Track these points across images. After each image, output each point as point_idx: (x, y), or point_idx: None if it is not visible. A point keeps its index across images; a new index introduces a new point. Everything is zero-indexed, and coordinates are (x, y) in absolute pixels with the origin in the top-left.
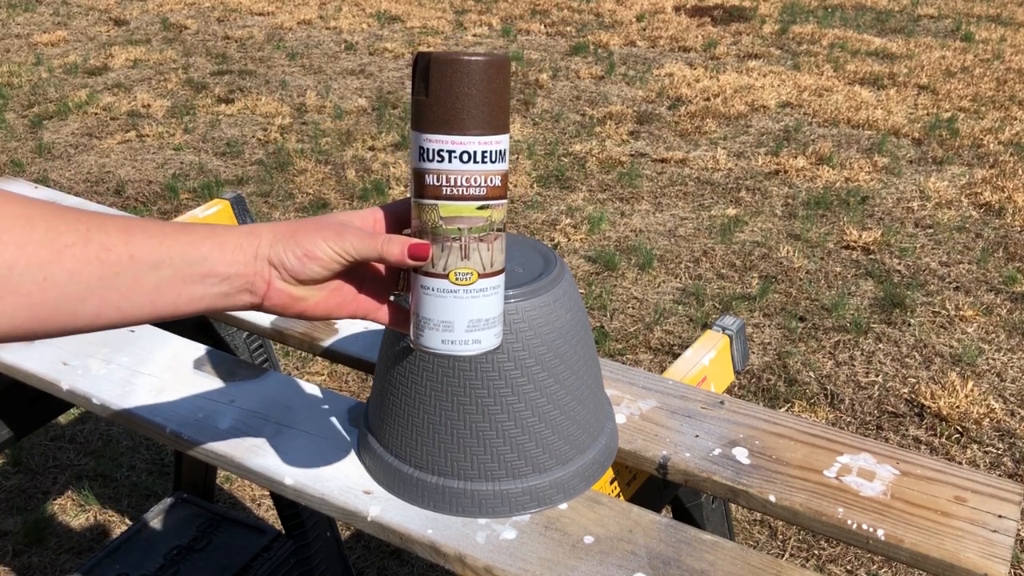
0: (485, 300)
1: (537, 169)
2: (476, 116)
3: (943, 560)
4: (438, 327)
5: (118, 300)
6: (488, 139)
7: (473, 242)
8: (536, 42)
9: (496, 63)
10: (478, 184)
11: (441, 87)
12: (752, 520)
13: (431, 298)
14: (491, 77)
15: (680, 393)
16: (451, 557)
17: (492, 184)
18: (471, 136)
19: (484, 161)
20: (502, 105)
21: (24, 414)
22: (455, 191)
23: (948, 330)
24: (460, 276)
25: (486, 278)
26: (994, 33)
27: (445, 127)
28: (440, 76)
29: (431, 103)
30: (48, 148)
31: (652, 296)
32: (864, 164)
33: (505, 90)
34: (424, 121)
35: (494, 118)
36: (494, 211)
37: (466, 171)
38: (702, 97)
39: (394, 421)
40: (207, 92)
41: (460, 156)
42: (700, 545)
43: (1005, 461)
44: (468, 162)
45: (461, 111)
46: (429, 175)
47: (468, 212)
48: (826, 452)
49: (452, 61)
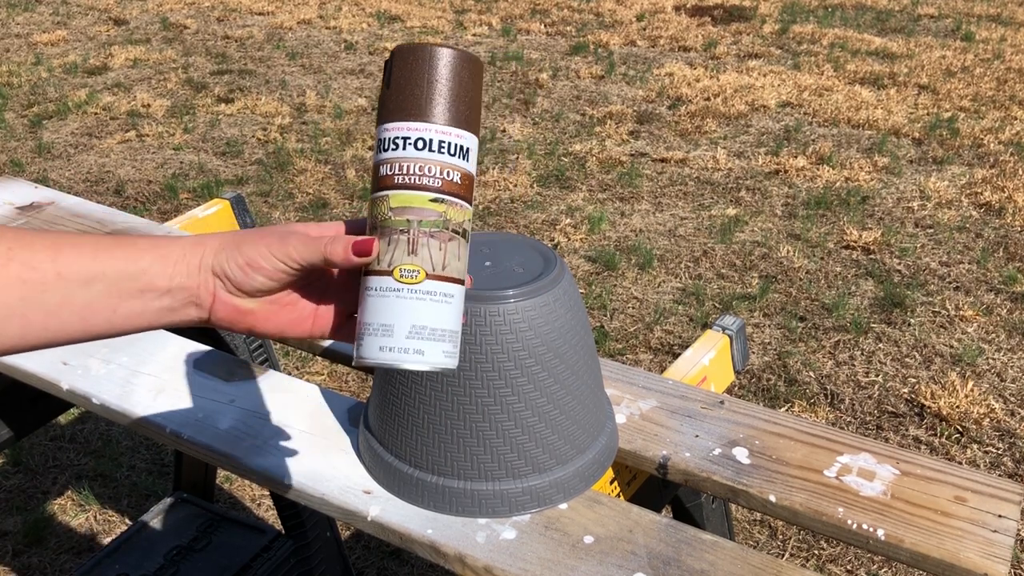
0: (433, 305)
1: (537, 169)
2: (436, 104)
3: (943, 560)
4: (377, 332)
5: (44, 320)
6: (447, 130)
7: (423, 236)
8: (536, 42)
9: (462, 56)
10: (432, 174)
11: (402, 74)
12: (752, 520)
13: (373, 299)
14: (456, 69)
15: (680, 393)
16: (451, 557)
17: (449, 178)
18: (428, 123)
19: (442, 151)
20: (467, 101)
21: (24, 414)
22: (407, 179)
23: (948, 330)
24: (405, 273)
25: (436, 280)
26: (994, 33)
27: (402, 113)
28: (402, 63)
29: (392, 92)
30: (48, 148)
31: (652, 296)
32: (864, 164)
33: (473, 88)
34: (384, 111)
35: (456, 111)
36: (450, 208)
37: (420, 159)
38: (702, 97)
39: (394, 421)
40: (207, 92)
41: (415, 143)
42: (700, 545)
43: (1005, 461)
44: (423, 150)
45: (420, 97)
46: (383, 165)
47: (419, 203)
48: (826, 452)
49: (414, 48)
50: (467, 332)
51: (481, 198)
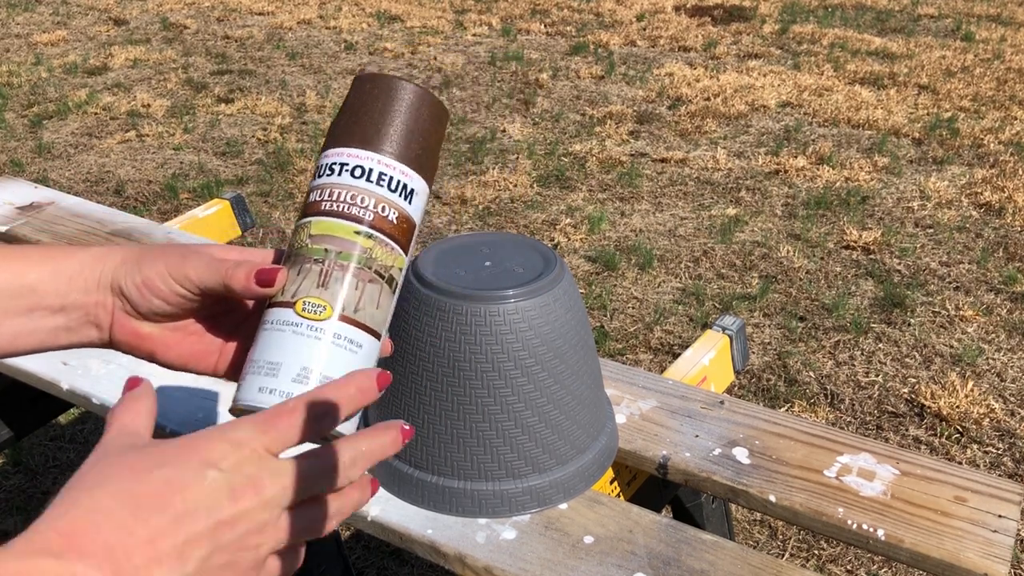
0: (334, 350)
1: (537, 169)
2: (384, 134)
3: (943, 560)
4: (261, 370)
5: None
6: (391, 163)
7: (338, 270)
8: (536, 42)
9: (426, 96)
10: (364, 205)
11: (357, 101)
12: (752, 520)
13: (267, 333)
14: (416, 106)
15: (680, 393)
16: (451, 557)
17: (383, 214)
18: (371, 152)
19: (380, 183)
20: (422, 141)
21: (24, 414)
22: (334, 206)
23: (948, 330)
24: (309, 307)
25: (345, 323)
26: (994, 33)
27: (346, 139)
28: (360, 90)
29: (341, 118)
30: (48, 148)
31: (652, 296)
32: (864, 164)
33: (431, 131)
34: (329, 137)
35: (407, 147)
36: (378, 247)
37: (354, 187)
38: (702, 97)
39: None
40: (207, 92)
41: (353, 170)
42: (700, 545)
43: (1005, 461)
44: (360, 178)
45: (368, 125)
46: (314, 191)
47: (342, 233)
48: (826, 452)
49: (376, 76)
50: (467, 332)
51: (481, 198)
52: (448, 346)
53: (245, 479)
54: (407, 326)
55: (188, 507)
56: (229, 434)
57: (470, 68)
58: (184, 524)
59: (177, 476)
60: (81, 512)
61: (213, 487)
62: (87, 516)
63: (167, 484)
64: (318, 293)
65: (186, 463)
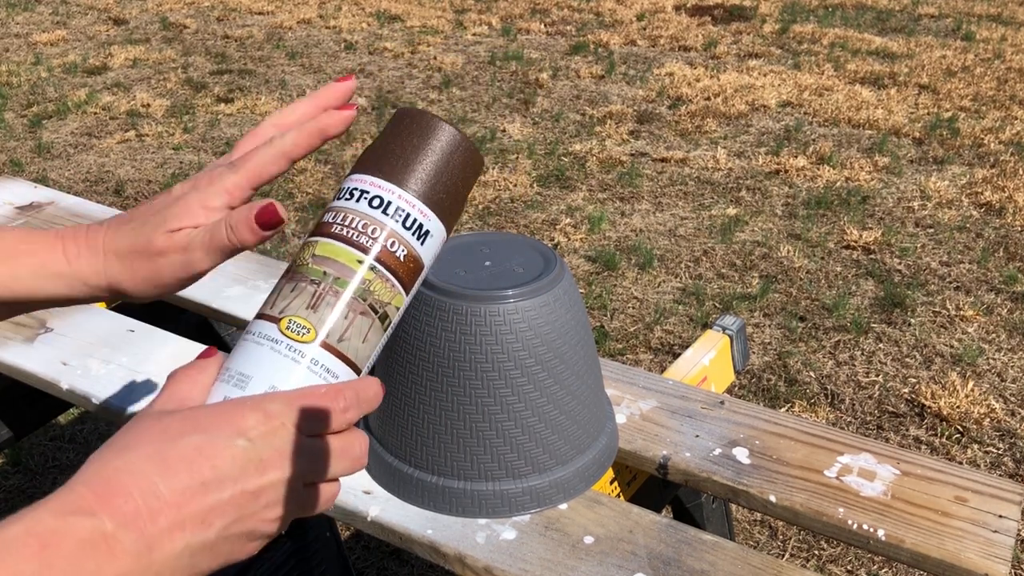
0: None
1: (537, 169)
2: (412, 171)
3: (944, 560)
4: (231, 379)
5: None
6: (413, 200)
7: (331, 295)
8: (536, 41)
9: (465, 144)
10: (374, 236)
11: (392, 132)
12: (752, 520)
13: (247, 343)
14: (451, 151)
15: (680, 393)
16: (451, 557)
17: (392, 249)
18: (394, 185)
19: (395, 218)
20: (450, 187)
21: (24, 414)
22: (343, 231)
23: (948, 330)
24: (294, 326)
25: (326, 350)
26: (995, 32)
27: (372, 168)
28: (397, 123)
29: (373, 146)
30: (47, 148)
31: (652, 296)
32: (865, 164)
33: (462, 178)
34: (358, 163)
35: (432, 188)
36: (378, 280)
37: (368, 215)
38: (702, 97)
39: (394, 421)
40: (206, 91)
41: (372, 199)
42: (700, 545)
43: (1006, 461)
44: (376, 208)
45: (398, 158)
46: (329, 212)
47: (345, 258)
48: (826, 452)
49: (418, 113)
50: (467, 332)
51: (481, 198)
52: (448, 346)
53: (274, 451)
54: (407, 326)
55: (217, 474)
56: (263, 405)
57: (470, 68)
58: (211, 491)
59: (208, 443)
60: (113, 472)
61: (243, 457)
62: (119, 476)
63: (198, 450)
64: (306, 314)
65: (218, 431)
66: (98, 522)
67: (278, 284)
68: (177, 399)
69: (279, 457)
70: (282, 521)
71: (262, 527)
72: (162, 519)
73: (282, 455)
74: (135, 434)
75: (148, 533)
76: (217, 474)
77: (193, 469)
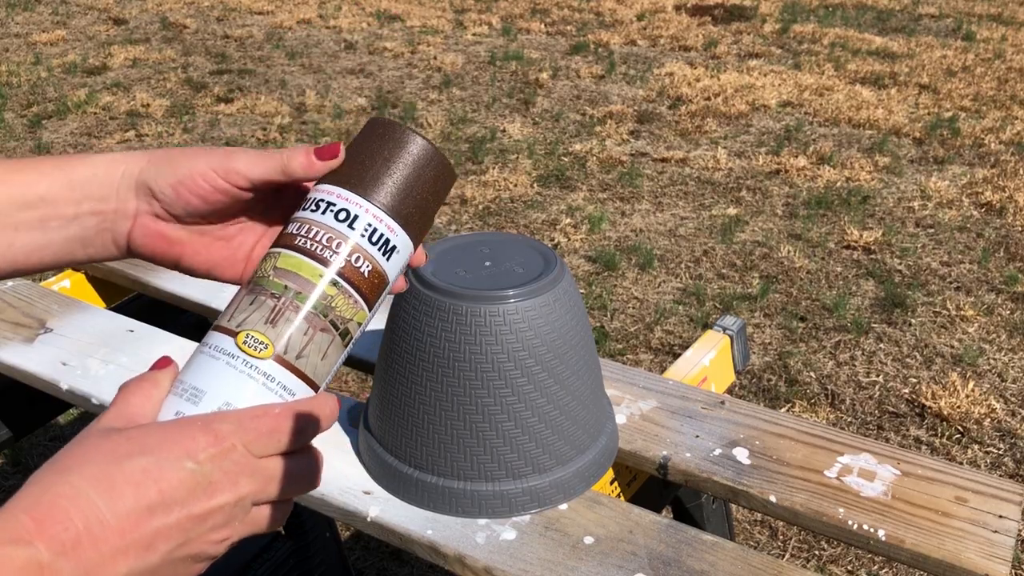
0: (263, 392)
1: (537, 169)
2: (382, 184)
3: (944, 560)
4: (184, 393)
5: None
6: (380, 215)
7: (291, 310)
8: (536, 41)
9: (437, 157)
10: (338, 250)
11: (363, 143)
12: (753, 520)
13: (202, 356)
14: (420, 161)
15: (680, 393)
16: (451, 558)
17: (356, 265)
18: (362, 199)
19: (363, 234)
20: (419, 201)
21: (24, 414)
22: (307, 244)
23: (949, 330)
24: (251, 341)
25: (282, 366)
26: (995, 32)
27: (341, 180)
28: (369, 133)
29: (345, 158)
30: (47, 148)
31: (652, 296)
32: (865, 164)
33: (432, 193)
34: (327, 175)
35: (402, 203)
36: (341, 296)
37: (334, 229)
38: (703, 96)
39: (394, 421)
40: (206, 91)
41: (338, 212)
42: (700, 545)
43: (1006, 461)
44: (343, 222)
45: (367, 170)
46: (293, 223)
47: (307, 273)
48: (827, 452)
49: (390, 124)
50: (467, 332)
51: (481, 198)
52: (448, 346)
53: (223, 474)
54: (407, 326)
55: (163, 498)
56: (213, 426)
57: (470, 68)
58: (157, 515)
59: (156, 465)
60: (55, 497)
61: (191, 480)
62: (60, 502)
63: (145, 473)
64: (264, 329)
65: (166, 453)
66: (34, 552)
67: (237, 295)
68: (127, 415)
69: (228, 480)
70: (229, 542)
71: (208, 549)
72: (104, 545)
73: (231, 478)
74: (80, 454)
75: (88, 561)
76: (164, 498)
77: (139, 493)
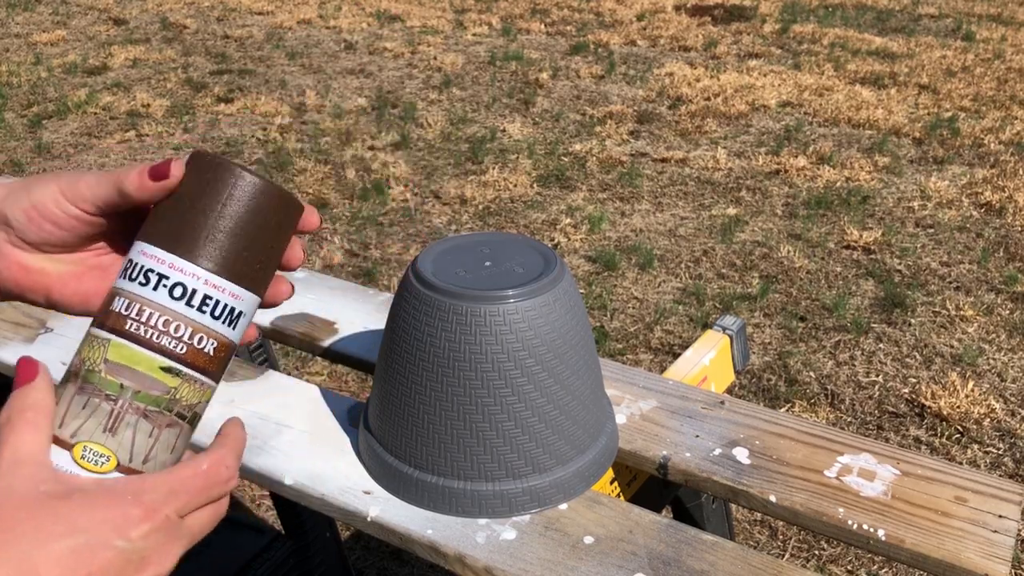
0: None
1: (537, 169)
2: (219, 246)
3: (944, 560)
4: None
5: None
6: (223, 284)
7: (131, 413)
8: (536, 41)
9: (269, 190)
10: (179, 336)
11: (190, 188)
12: (752, 520)
13: None
14: (258, 206)
15: (680, 393)
16: (451, 557)
17: (199, 346)
18: (199, 268)
19: (203, 309)
20: (263, 252)
21: None
22: (141, 330)
23: (949, 330)
24: (89, 455)
25: (128, 476)
26: (995, 32)
27: (170, 240)
28: (195, 175)
29: (168, 203)
30: (47, 148)
31: (652, 296)
32: (865, 164)
33: (276, 234)
34: (150, 224)
35: (245, 262)
36: (185, 385)
37: (171, 310)
38: (702, 97)
39: (394, 421)
40: (206, 91)
41: (172, 288)
42: (700, 545)
43: (1006, 461)
44: (179, 299)
45: (198, 227)
46: (120, 296)
47: (144, 367)
48: (827, 452)
49: (217, 162)
50: (467, 332)
51: (481, 198)
52: (448, 346)
53: (154, 549)
54: (407, 326)
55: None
56: (144, 498)
57: (470, 68)
58: None
59: (86, 546)
60: None
61: (122, 559)
62: None
63: (74, 554)
64: (103, 439)
65: (96, 532)
66: None
67: (65, 392)
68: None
69: (160, 553)
70: None
71: None
72: None
73: (164, 549)
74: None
75: None
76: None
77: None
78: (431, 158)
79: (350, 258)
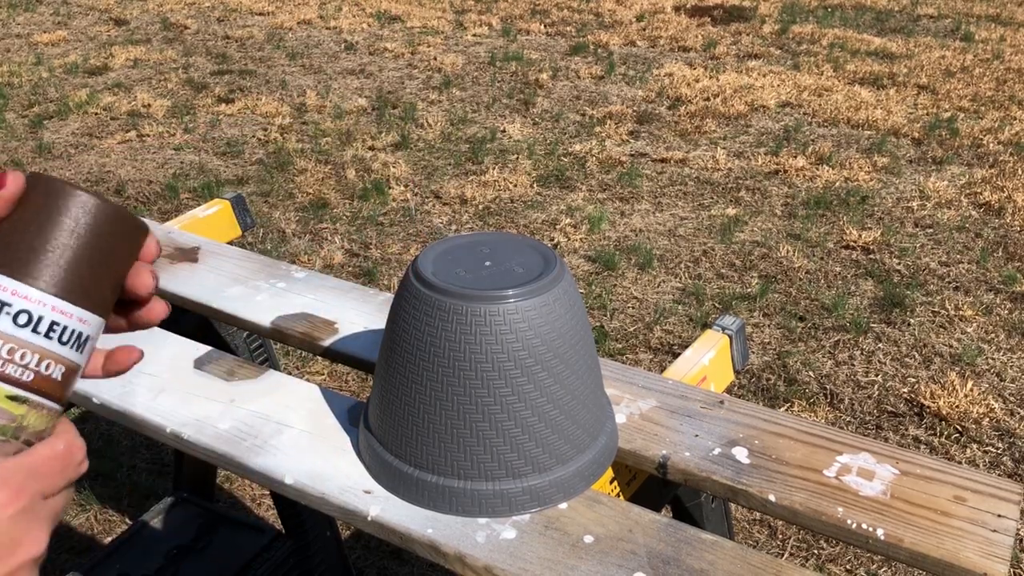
0: None
1: (537, 169)
2: (64, 270)
3: (943, 560)
4: None
5: None
6: (68, 308)
7: None
8: (536, 42)
9: (112, 211)
10: (25, 363)
11: (30, 211)
12: (752, 520)
13: None
14: (101, 227)
15: (680, 393)
16: (451, 557)
17: (47, 373)
18: (43, 293)
19: (50, 335)
20: (108, 274)
21: None
22: None
23: (948, 330)
24: None
25: None
26: (994, 33)
27: (11, 266)
28: (32, 198)
29: (7, 228)
30: (48, 148)
31: (652, 296)
32: (864, 164)
33: (119, 259)
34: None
35: (90, 285)
36: (32, 412)
37: (16, 339)
38: (702, 97)
39: (394, 421)
40: (207, 92)
41: (15, 315)
42: (700, 544)
43: (1004, 461)
44: (24, 327)
45: (40, 251)
46: None
47: None
48: (826, 452)
49: (54, 184)
50: (467, 332)
51: (481, 198)
52: (448, 346)
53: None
54: (407, 326)
55: None
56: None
57: (470, 68)
58: None
59: None
60: None
61: None
62: None
63: None
64: None
65: None
66: None
67: None
68: None
69: (31, 534)
70: None
71: None
72: None
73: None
74: None
75: None
76: None
77: None
78: (431, 158)
79: (350, 258)
